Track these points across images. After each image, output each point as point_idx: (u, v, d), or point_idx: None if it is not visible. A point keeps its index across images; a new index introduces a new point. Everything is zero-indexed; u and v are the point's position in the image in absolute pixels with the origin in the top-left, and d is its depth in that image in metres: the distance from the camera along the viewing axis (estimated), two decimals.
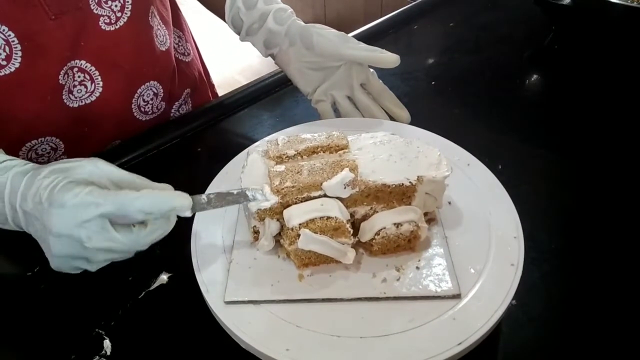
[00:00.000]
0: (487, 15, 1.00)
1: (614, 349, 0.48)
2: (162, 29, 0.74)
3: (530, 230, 0.51)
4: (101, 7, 0.63)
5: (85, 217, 0.42)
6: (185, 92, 0.83)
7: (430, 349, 0.42)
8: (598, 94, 0.79)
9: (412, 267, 0.48)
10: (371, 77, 0.66)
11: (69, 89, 0.65)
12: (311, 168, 0.49)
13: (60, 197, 0.42)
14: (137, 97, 0.72)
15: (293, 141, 0.53)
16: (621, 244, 0.57)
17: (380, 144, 0.53)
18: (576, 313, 0.51)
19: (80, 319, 0.51)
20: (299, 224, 0.46)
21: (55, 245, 0.43)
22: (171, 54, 0.76)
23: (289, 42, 0.66)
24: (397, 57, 0.62)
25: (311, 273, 0.48)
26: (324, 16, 2.74)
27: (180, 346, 0.49)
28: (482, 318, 0.44)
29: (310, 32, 0.63)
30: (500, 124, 0.74)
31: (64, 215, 0.42)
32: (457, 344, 0.42)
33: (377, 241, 0.48)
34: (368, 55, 0.62)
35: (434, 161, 0.51)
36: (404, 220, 0.48)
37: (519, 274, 0.47)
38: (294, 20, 0.66)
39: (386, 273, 0.48)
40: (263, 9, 0.67)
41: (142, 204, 0.43)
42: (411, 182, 0.49)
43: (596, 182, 0.65)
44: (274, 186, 0.47)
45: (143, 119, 0.75)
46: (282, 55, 0.67)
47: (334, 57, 0.63)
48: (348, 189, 0.48)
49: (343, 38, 0.63)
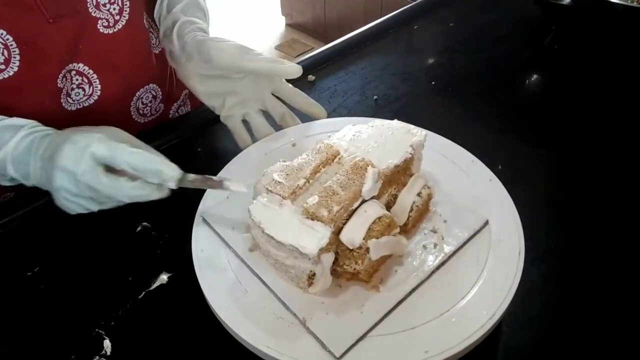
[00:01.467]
0: (487, 15, 0.99)
1: (614, 348, 0.48)
2: (155, 31, 0.74)
3: (530, 230, 0.51)
4: (99, 10, 0.63)
5: (84, 154, 0.47)
6: (184, 93, 0.83)
7: (430, 349, 0.42)
8: (598, 93, 0.79)
9: (440, 222, 0.52)
10: (280, 83, 0.64)
11: (67, 92, 0.65)
12: (340, 183, 0.47)
13: (75, 135, 0.48)
14: (136, 100, 0.72)
15: (291, 172, 0.49)
16: (621, 244, 0.57)
17: (356, 137, 0.54)
18: (576, 313, 0.51)
19: (80, 319, 0.51)
20: (362, 238, 0.45)
21: (61, 179, 0.48)
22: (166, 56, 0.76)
23: (185, 58, 0.63)
24: (298, 67, 0.59)
25: (381, 280, 0.48)
26: (324, 16, 2.74)
27: (180, 346, 0.49)
28: (482, 318, 0.44)
29: (208, 46, 0.60)
30: (500, 124, 0.74)
31: (74, 150, 0.47)
32: (457, 344, 0.42)
33: (412, 217, 0.51)
34: (268, 66, 0.59)
35: (404, 130, 0.54)
36: (420, 187, 0.52)
37: (519, 274, 0.47)
38: (194, 35, 0.63)
39: (429, 239, 0.51)
40: (175, 16, 0.66)
41: (130, 158, 0.47)
42: (411, 153, 0.51)
43: (596, 182, 0.65)
44: (326, 217, 0.44)
45: (142, 121, 0.75)
46: (182, 70, 0.64)
47: (233, 69, 0.61)
48: (378, 184, 0.48)
49: (241, 49, 0.60)
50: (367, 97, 0.80)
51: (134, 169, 0.48)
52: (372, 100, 0.79)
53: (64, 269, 0.56)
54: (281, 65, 0.59)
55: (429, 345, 0.42)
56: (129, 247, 0.58)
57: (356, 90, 0.81)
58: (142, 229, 0.59)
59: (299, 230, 0.44)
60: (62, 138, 0.49)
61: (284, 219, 0.46)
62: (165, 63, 0.75)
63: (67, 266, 0.56)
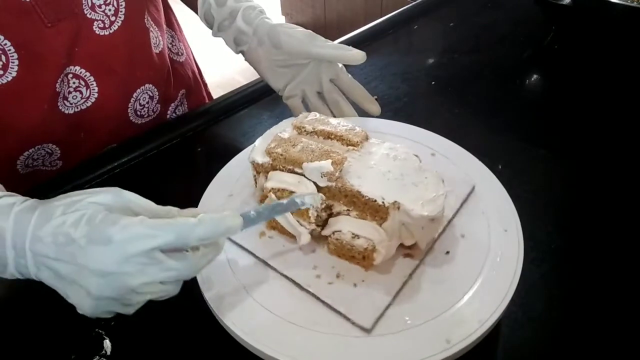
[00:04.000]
0: (487, 15, 0.99)
1: (614, 348, 0.48)
2: (155, 30, 0.73)
3: (530, 230, 0.51)
4: (95, 12, 0.62)
5: (136, 251, 0.37)
6: (181, 93, 0.83)
7: (430, 349, 0.42)
8: (598, 93, 0.79)
9: (350, 282, 0.47)
10: (340, 72, 0.67)
11: (65, 95, 0.64)
12: (305, 146, 0.50)
13: (104, 231, 0.38)
14: (134, 101, 0.72)
15: (319, 120, 0.55)
16: (621, 244, 0.57)
17: (393, 158, 0.51)
18: (576, 313, 0.51)
19: (80, 319, 0.51)
20: (271, 187, 0.49)
21: (99, 287, 0.38)
22: (165, 56, 0.76)
23: (257, 41, 0.66)
24: (363, 53, 0.63)
25: (272, 237, 0.51)
26: (323, 16, 2.74)
27: (180, 346, 0.49)
28: (481, 318, 0.44)
29: (278, 32, 0.64)
30: (500, 124, 0.74)
31: (111, 253, 0.37)
32: (457, 344, 0.42)
33: (331, 240, 0.49)
34: (335, 52, 0.63)
35: (429, 197, 0.47)
36: (363, 234, 0.47)
37: (519, 274, 0.47)
38: (262, 19, 0.66)
39: (326, 273, 0.48)
40: (233, 6, 0.67)
41: (202, 231, 0.39)
42: (384, 203, 0.46)
43: (596, 182, 0.65)
44: (268, 147, 0.51)
45: (139, 122, 0.75)
46: (252, 53, 0.68)
47: (301, 55, 0.64)
48: (324, 180, 0.48)
49: (310, 37, 0.64)
50: None
51: (205, 240, 0.40)
52: None
53: None
54: (348, 52, 0.63)
55: (428, 345, 0.42)
56: None
57: None
58: None
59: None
60: (81, 232, 0.38)
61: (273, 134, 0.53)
62: (163, 62, 0.75)
63: None
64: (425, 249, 0.49)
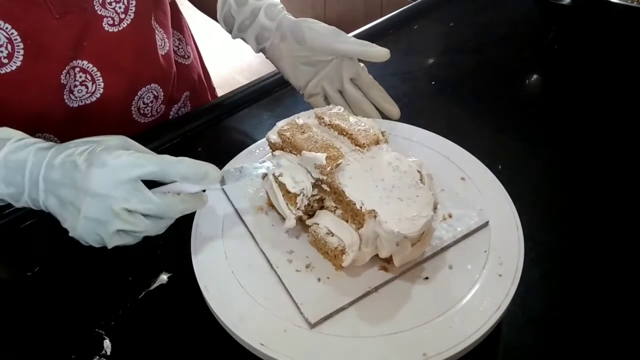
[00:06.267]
0: (487, 15, 0.99)
1: (614, 348, 0.48)
2: (161, 32, 0.74)
3: (530, 230, 0.51)
4: (105, 8, 0.63)
5: (125, 176, 0.43)
6: (185, 95, 0.83)
7: (430, 349, 0.42)
8: (598, 93, 0.79)
9: (316, 276, 0.48)
10: (361, 71, 0.66)
11: (70, 88, 0.65)
12: (312, 136, 0.51)
13: (102, 157, 0.44)
14: (138, 100, 0.72)
15: (339, 115, 0.55)
16: (621, 244, 0.57)
17: (393, 168, 0.49)
18: (576, 313, 0.51)
19: (80, 319, 0.51)
20: (273, 170, 0.50)
21: (89, 206, 0.44)
22: (171, 57, 0.77)
23: (280, 37, 0.66)
24: (387, 51, 0.62)
25: (266, 212, 0.54)
26: (323, 16, 2.74)
27: (180, 346, 0.49)
28: (481, 318, 0.44)
29: (302, 27, 0.64)
30: (500, 124, 0.74)
31: (105, 175, 0.43)
32: (457, 344, 0.42)
33: (310, 231, 0.50)
34: (359, 49, 0.63)
35: (409, 215, 0.45)
36: (337, 233, 0.48)
37: (519, 274, 0.47)
38: (284, 15, 0.67)
39: (299, 260, 0.50)
40: (254, 4, 0.67)
41: (181, 168, 0.45)
42: (361, 208, 0.46)
43: (596, 182, 0.65)
44: (281, 128, 0.53)
45: (142, 121, 0.75)
46: (274, 49, 0.67)
47: (325, 51, 0.63)
48: (317, 172, 0.49)
49: (335, 32, 0.63)
50: None
51: (185, 177, 0.45)
52: None
53: (64, 269, 0.56)
54: (372, 49, 0.63)
55: (428, 346, 0.42)
56: (129, 247, 0.58)
57: None
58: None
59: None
60: (84, 158, 0.45)
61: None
62: (169, 64, 0.75)
63: (67, 266, 0.56)
64: (399, 266, 0.47)
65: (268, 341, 0.43)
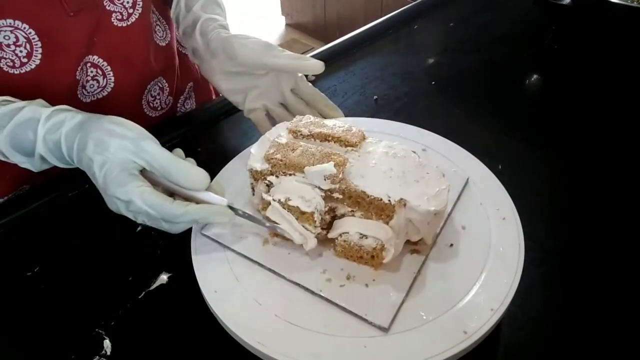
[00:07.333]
0: (487, 15, 1.00)
1: (614, 348, 0.48)
2: (162, 24, 0.75)
3: (530, 230, 0.51)
4: (113, 4, 0.64)
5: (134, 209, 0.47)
6: (189, 86, 0.84)
7: (430, 349, 0.42)
8: (598, 93, 0.79)
9: (362, 283, 0.47)
10: (300, 81, 0.65)
11: (82, 84, 0.66)
12: (305, 150, 0.50)
13: (113, 190, 0.47)
14: (147, 93, 0.74)
15: (315, 123, 0.54)
16: (621, 244, 0.57)
17: (393, 156, 0.51)
18: (576, 313, 0.51)
19: (80, 319, 0.51)
20: (278, 200, 0.49)
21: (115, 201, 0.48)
22: (174, 49, 0.78)
23: (210, 55, 0.64)
24: (322, 63, 0.60)
25: (275, 243, 0.51)
26: (324, 16, 2.74)
27: (180, 346, 0.49)
28: (481, 318, 0.44)
29: (232, 42, 0.61)
30: (500, 124, 0.74)
31: (117, 204, 0.48)
32: (457, 344, 0.42)
33: (339, 242, 0.49)
34: (291, 62, 0.61)
35: (432, 192, 0.47)
36: (370, 234, 0.48)
37: (519, 274, 0.47)
38: (218, 32, 0.64)
39: (336, 275, 0.48)
40: (195, 15, 0.66)
41: (185, 222, 0.48)
42: (390, 201, 0.47)
43: (596, 182, 0.65)
44: (266, 153, 0.50)
45: (152, 114, 0.76)
46: (206, 66, 0.65)
47: (257, 66, 0.62)
48: (327, 182, 0.48)
49: (266, 46, 0.61)
50: (367, 97, 0.80)
51: (189, 224, 0.49)
52: (372, 100, 0.79)
53: (64, 269, 0.56)
54: (305, 62, 0.61)
55: (428, 345, 0.42)
56: (129, 247, 0.58)
57: (356, 90, 0.81)
58: (142, 228, 0.59)
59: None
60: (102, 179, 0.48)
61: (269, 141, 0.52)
62: (171, 56, 0.76)
63: (67, 266, 0.56)
64: (431, 243, 0.49)
65: (268, 341, 0.43)
